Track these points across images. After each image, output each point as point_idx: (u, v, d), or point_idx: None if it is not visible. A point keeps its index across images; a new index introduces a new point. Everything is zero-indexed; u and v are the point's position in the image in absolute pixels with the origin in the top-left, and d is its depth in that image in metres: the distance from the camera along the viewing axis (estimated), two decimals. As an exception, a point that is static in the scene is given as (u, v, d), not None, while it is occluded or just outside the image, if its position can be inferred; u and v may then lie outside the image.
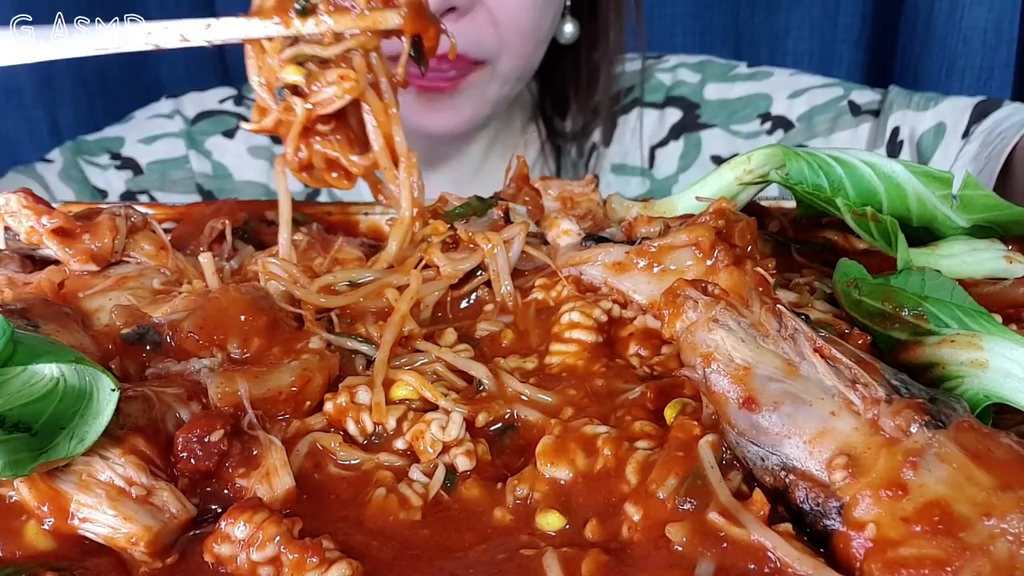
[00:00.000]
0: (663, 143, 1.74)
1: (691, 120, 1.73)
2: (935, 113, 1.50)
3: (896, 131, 1.54)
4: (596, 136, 1.76)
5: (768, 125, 1.68)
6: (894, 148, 1.54)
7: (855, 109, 1.63)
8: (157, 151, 1.72)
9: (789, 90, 1.69)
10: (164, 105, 1.77)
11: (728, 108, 1.71)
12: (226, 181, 1.72)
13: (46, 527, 0.57)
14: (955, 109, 1.48)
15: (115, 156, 1.70)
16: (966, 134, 1.42)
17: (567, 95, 1.72)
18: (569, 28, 1.61)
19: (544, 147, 1.76)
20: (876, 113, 1.61)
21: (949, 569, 0.47)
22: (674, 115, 1.74)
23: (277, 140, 1.67)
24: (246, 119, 1.64)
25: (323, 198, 1.68)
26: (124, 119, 1.78)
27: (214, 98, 1.78)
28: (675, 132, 1.74)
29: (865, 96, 1.64)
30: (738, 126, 1.70)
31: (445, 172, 1.68)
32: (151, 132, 1.73)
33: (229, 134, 1.73)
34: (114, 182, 1.67)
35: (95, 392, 0.58)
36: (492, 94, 1.51)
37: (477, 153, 1.70)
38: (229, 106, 1.76)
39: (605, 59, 1.67)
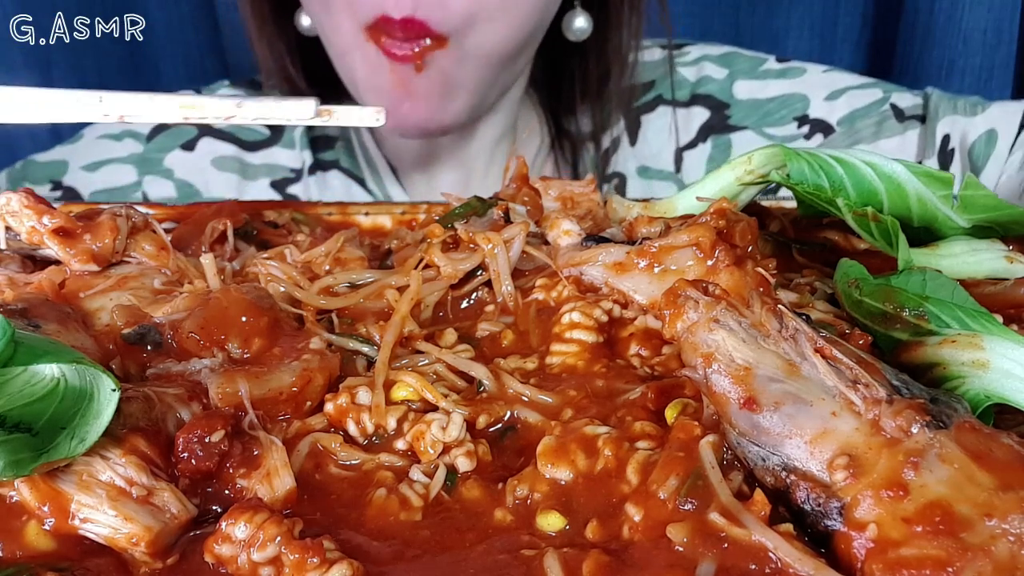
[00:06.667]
0: (691, 145, 1.64)
1: (720, 121, 1.63)
2: (985, 118, 1.42)
3: (947, 139, 1.45)
4: (615, 132, 1.66)
5: (806, 129, 1.58)
6: (945, 158, 1.45)
7: (899, 114, 1.53)
8: (102, 179, 1.60)
9: (826, 90, 1.59)
10: (114, 123, 1.64)
11: (761, 109, 1.61)
12: (194, 200, 1.55)
13: (47, 527, 0.56)
14: (1005, 114, 1.40)
15: (56, 185, 1.59)
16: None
17: (575, 93, 1.63)
18: (581, 23, 1.51)
19: (555, 147, 1.68)
20: (921, 119, 1.51)
21: (950, 569, 0.47)
22: (701, 115, 1.64)
23: (245, 147, 1.64)
24: (207, 127, 1.63)
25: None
26: (75, 137, 1.67)
27: None
28: (703, 134, 1.63)
29: (906, 99, 1.55)
30: (773, 129, 1.59)
31: (448, 171, 1.63)
32: (97, 157, 1.61)
33: (188, 146, 1.61)
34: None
35: (96, 392, 0.58)
36: (466, 79, 1.40)
37: (482, 152, 1.62)
38: None
39: (618, 54, 1.57)
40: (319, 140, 1.68)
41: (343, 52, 1.43)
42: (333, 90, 1.62)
